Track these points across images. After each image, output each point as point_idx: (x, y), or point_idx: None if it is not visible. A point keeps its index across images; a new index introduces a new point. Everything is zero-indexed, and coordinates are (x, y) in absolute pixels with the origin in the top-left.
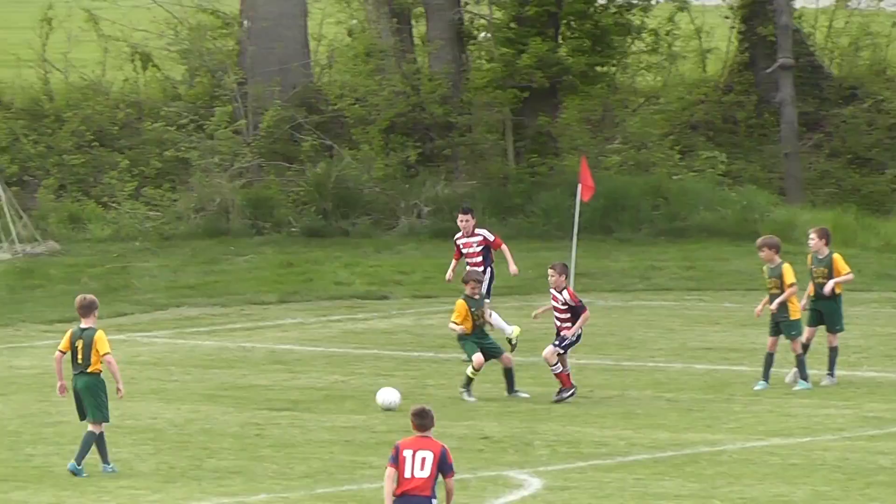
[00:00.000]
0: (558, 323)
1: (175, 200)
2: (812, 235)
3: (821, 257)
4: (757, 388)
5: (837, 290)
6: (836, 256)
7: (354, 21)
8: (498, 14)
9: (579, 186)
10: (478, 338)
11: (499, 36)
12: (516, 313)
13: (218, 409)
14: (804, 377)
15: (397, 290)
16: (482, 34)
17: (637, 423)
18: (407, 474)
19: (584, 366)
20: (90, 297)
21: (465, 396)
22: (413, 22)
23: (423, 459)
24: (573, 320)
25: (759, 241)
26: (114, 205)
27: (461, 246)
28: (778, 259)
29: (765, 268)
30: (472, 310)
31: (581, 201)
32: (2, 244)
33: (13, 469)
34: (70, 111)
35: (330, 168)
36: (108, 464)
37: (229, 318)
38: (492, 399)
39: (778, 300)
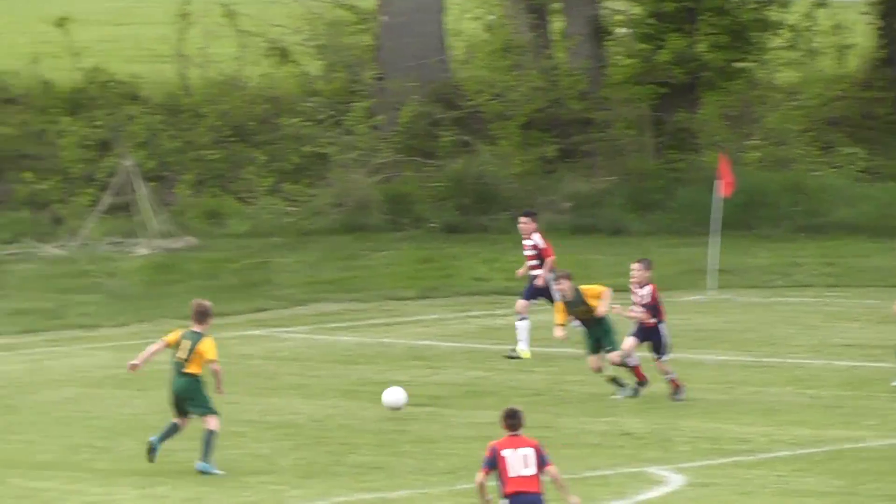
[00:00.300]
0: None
1: (313, 196)
2: None
3: None
4: (895, 383)
5: None
6: None
7: (492, 17)
8: (636, 9)
9: (719, 182)
10: (596, 336)
11: (637, 32)
12: None
13: (357, 404)
14: None
15: None
16: (620, 30)
17: (778, 420)
18: (512, 473)
19: (724, 362)
20: (207, 304)
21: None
22: (550, 17)
23: (526, 457)
24: (653, 315)
25: None
26: (252, 200)
27: (525, 247)
28: None
29: None
30: (570, 308)
31: (720, 197)
32: (141, 239)
33: (154, 464)
34: (207, 106)
35: (468, 164)
36: (208, 463)
37: (368, 313)
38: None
39: None
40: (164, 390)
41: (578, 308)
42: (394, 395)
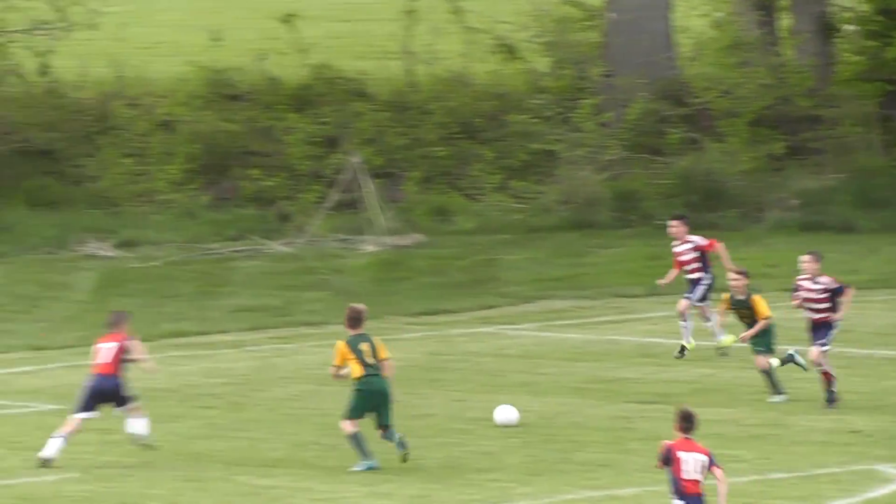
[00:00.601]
0: (815, 315)
1: (541, 193)
2: None
3: None
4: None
5: None
6: None
7: (719, 14)
8: (864, 6)
9: None
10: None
11: (864, 29)
12: (882, 306)
13: (586, 402)
14: None
15: (766, 284)
16: (848, 27)
17: None
18: (686, 476)
19: None
20: (363, 308)
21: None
22: (777, 14)
23: (701, 463)
24: (832, 308)
25: None
26: (479, 197)
27: (676, 254)
28: None
29: None
30: (734, 305)
31: None
32: (367, 236)
33: (381, 461)
34: (434, 103)
35: (696, 161)
36: (368, 460)
37: (596, 310)
38: (860, 392)
39: None
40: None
41: (742, 309)
42: (506, 414)
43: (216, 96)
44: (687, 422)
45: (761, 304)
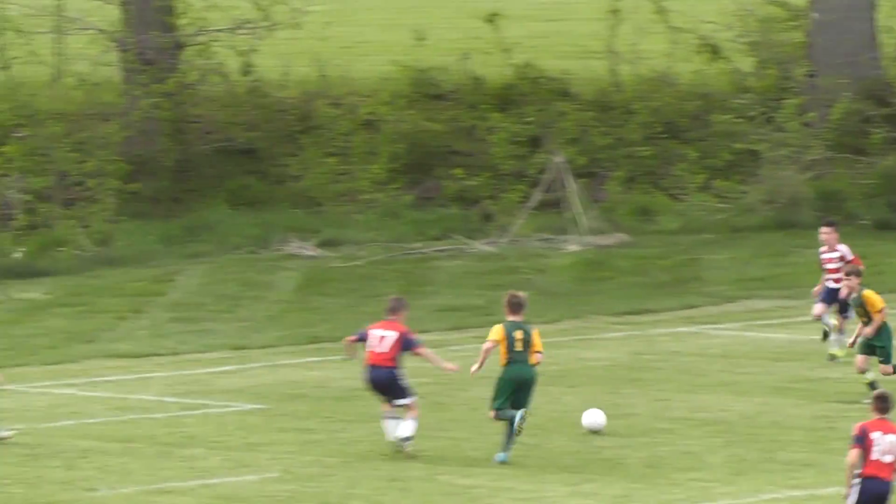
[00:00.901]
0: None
1: (744, 193)
2: None
3: None
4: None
5: None
6: None
7: None
8: None
9: None
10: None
11: None
12: None
13: (788, 401)
14: None
15: None
16: None
17: None
18: (875, 456)
19: None
20: (523, 295)
21: None
22: None
23: (893, 443)
24: None
25: None
26: (683, 197)
27: (823, 260)
28: None
29: None
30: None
31: None
32: (571, 236)
33: (583, 461)
34: (638, 103)
35: None
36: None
37: (799, 310)
38: None
39: None
40: (595, 386)
41: (857, 308)
42: (593, 418)
43: (419, 96)
44: (883, 402)
45: (873, 300)
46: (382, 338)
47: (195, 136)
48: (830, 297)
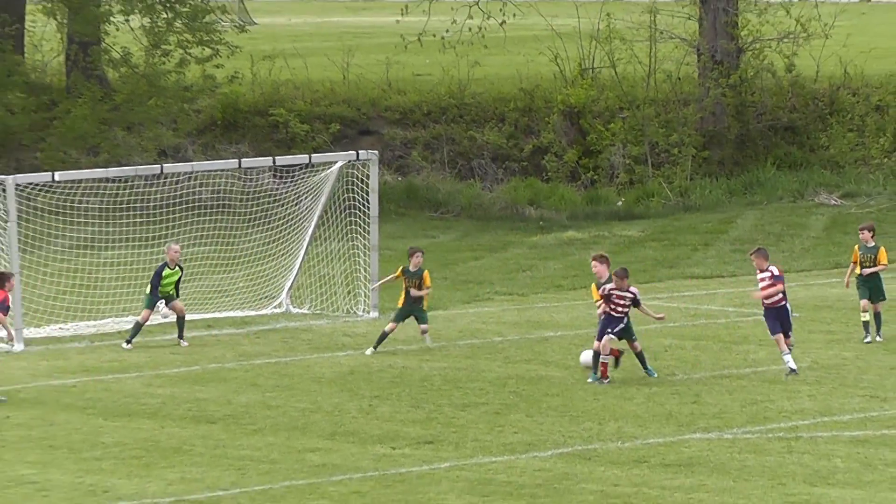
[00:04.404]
0: None
1: None
2: None
3: None
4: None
5: None
6: None
7: None
8: None
9: None
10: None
11: None
12: None
13: None
14: None
15: None
16: None
17: None
18: None
19: None
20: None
21: None
22: None
23: None
24: None
25: None
26: None
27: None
28: None
29: None
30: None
31: None
32: None
33: None
34: None
35: None
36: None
37: None
38: None
39: None
40: None
41: (867, 254)
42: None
43: None
44: None
45: (883, 252)
46: None
47: (751, 117)
48: None
